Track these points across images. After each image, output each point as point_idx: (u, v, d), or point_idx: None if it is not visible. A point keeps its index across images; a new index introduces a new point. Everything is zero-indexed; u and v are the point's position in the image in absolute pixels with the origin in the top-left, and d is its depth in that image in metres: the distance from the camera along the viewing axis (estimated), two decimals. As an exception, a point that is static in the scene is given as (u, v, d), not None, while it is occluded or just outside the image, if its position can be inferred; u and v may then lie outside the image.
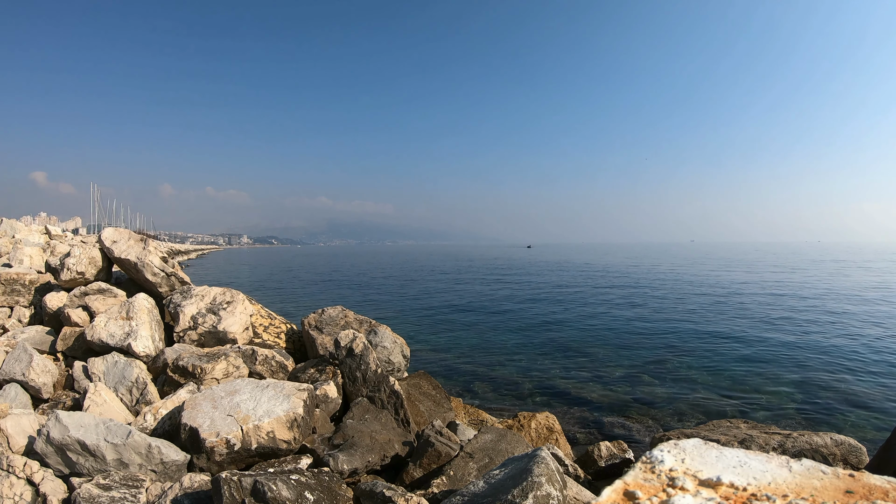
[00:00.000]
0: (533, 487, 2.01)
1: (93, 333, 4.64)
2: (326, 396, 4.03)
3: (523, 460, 2.26)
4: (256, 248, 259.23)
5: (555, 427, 5.50)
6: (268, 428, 3.06)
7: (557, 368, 9.86)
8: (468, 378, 9.25)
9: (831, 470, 1.25)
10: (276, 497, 2.33)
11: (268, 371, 4.59)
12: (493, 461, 3.15)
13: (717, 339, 12.50)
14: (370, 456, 3.23)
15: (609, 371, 9.65)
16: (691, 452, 1.34)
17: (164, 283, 5.53)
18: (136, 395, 4.23)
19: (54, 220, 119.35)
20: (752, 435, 4.22)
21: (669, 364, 10.11)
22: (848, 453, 3.94)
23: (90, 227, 79.59)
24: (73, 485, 2.78)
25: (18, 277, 5.88)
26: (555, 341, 12.51)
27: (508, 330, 14.22)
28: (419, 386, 5.08)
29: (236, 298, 5.44)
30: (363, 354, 4.34)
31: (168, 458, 2.95)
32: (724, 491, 1.17)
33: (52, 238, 17.12)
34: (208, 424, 3.04)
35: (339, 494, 2.67)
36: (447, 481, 2.93)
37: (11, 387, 4.16)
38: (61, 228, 37.67)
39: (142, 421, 3.56)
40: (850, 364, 10.06)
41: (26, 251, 7.30)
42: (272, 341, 5.49)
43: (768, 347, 11.57)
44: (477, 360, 10.64)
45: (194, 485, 2.69)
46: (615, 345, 12.01)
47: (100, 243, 5.72)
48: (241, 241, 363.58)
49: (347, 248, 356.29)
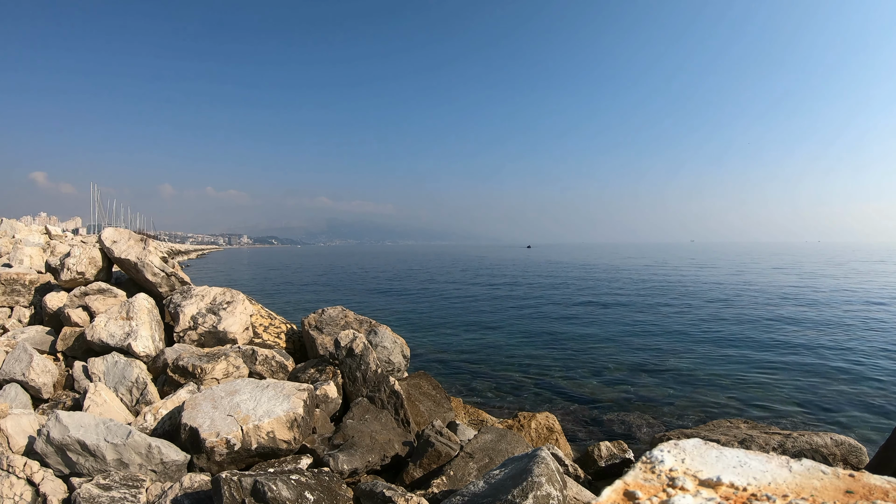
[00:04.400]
0: (533, 487, 2.01)
1: (93, 333, 4.64)
2: (326, 396, 4.03)
3: (523, 460, 2.26)
4: (256, 249, 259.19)
5: (555, 427, 5.50)
6: (268, 428, 3.06)
7: (557, 368, 9.85)
8: (468, 378, 9.25)
9: (831, 470, 1.25)
10: (276, 497, 2.33)
11: (268, 371, 4.59)
12: (493, 461, 3.15)
13: (717, 339, 12.50)
14: (370, 456, 3.23)
15: (609, 371, 9.65)
16: (691, 452, 1.35)
17: (164, 283, 5.53)
18: (136, 395, 4.23)
19: (54, 220, 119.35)
20: (752, 435, 4.22)
21: (669, 364, 10.11)
22: (848, 453, 3.94)
23: (90, 228, 79.57)
24: (73, 485, 2.79)
25: (18, 277, 5.89)
26: (555, 341, 12.51)
27: (508, 330, 14.22)
28: (419, 386, 5.08)
29: (236, 298, 5.44)
30: (363, 354, 4.34)
31: (168, 458, 2.95)
32: (724, 491, 1.17)
33: (52, 238, 17.11)
34: (208, 424, 3.04)
35: (340, 494, 2.67)
36: (447, 481, 2.93)
37: (11, 387, 4.16)
38: (61, 228, 37.67)
39: (142, 421, 3.57)
40: (850, 364, 10.06)
41: (26, 251, 7.30)
42: (272, 341, 5.49)
43: (768, 347, 11.57)
44: (477, 360, 10.64)
45: (194, 485, 2.69)
46: (615, 344, 12.01)
47: (100, 243, 5.72)
48: (241, 241, 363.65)
49: (347, 248, 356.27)
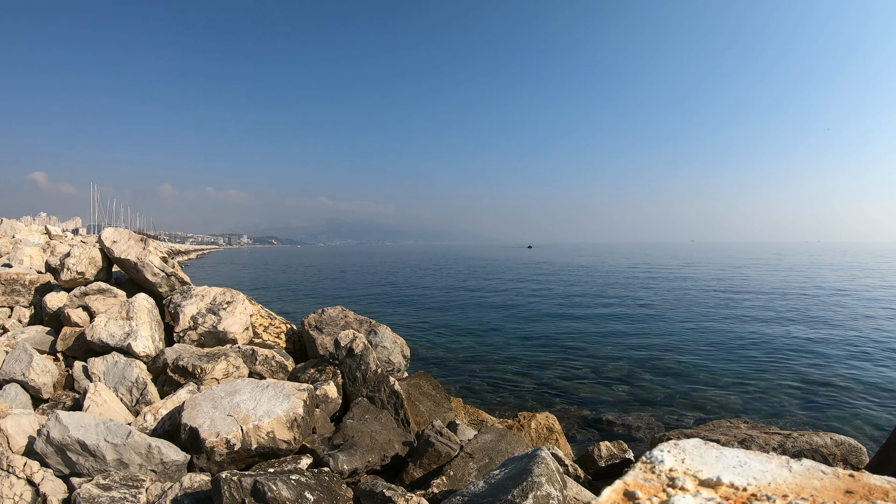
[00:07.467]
0: (533, 487, 2.01)
1: (93, 333, 4.64)
2: (326, 396, 4.03)
3: (523, 460, 2.26)
4: (256, 249, 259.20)
5: (555, 427, 5.50)
6: (268, 428, 3.06)
7: (557, 368, 9.85)
8: (468, 378, 9.24)
9: (831, 470, 1.25)
10: (276, 497, 2.33)
11: (268, 371, 4.59)
12: (493, 461, 3.15)
13: (717, 339, 12.50)
14: (370, 456, 3.23)
15: (609, 371, 9.65)
16: (691, 452, 1.34)
17: (164, 283, 5.53)
18: (136, 395, 4.23)
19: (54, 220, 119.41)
20: (752, 435, 4.22)
21: (669, 363, 10.11)
22: (848, 453, 3.94)
23: (90, 228, 79.60)
24: (73, 485, 2.78)
25: (18, 277, 5.88)
26: (555, 341, 12.51)
27: (509, 330, 14.22)
28: (419, 386, 5.08)
29: (236, 298, 5.44)
30: (363, 354, 4.34)
31: (168, 458, 2.95)
32: (724, 491, 1.17)
33: (52, 238, 17.11)
34: (208, 424, 3.04)
35: (339, 494, 2.67)
36: (447, 481, 2.93)
37: (11, 387, 4.16)
38: (61, 228, 37.67)
39: (142, 421, 3.56)
40: (850, 364, 10.05)
41: (26, 251, 7.30)
42: (272, 341, 5.49)
43: (768, 347, 11.57)
44: (477, 360, 10.64)
45: (194, 485, 2.69)
46: (615, 344, 12.01)
47: (100, 243, 5.72)
48: (241, 241, 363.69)
49: (347, 248, 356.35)
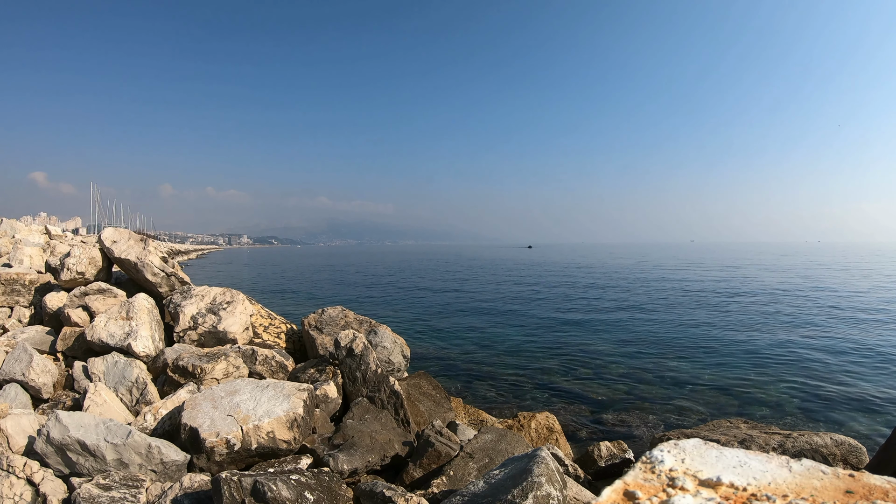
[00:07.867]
0: (533, 487, 2.01)
1: (93, 333, 4.64)
2: (326, 396, 4.03)
3: (523, 460, 2.26)
4: (256, 249, 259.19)
5: (555, 427, 5.50)
6: (268, 428, 3.06)
7: (557, 368, 9.85)
8: (468, 378, 9.24)
9: (831, 470, 1.25)
10: (276, 497, 2.33)
11: (268, 371, 4.59)
12: (493, 461, 3.15)
13: (716, 339, 12.50)
14: (370, 456, 3.23)
15: (609, 371, 9.65)
16: (691, 452, 1.34)
17: (164, 283, 5.53)
18: (136, 395, 4.23)
19: (54, 220, 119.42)
20: (752, 435, 4.22)
21: (669, 364, 10.11)
22: (848, 453, 3.94)
23: (90, 228, 79.60)
24: (73, 485, 2.79)
25: (18, 277, 5.88)
26: (555, 341, 12.50)
27: (509, 330, 14.21)
28: (419, 386, 5.08)
29: (236, 298, 5.44)
30: (363, 354, 4.34)
31: (168, 458, 2.95)
32: (724, 491, 1.17)
33: (52, 238, 17.11)
34: (208, 424, 3.04)
35: (339, 494, 2.67)
36: (447, 481, 2.93)
37: (11, 387, 4.16)
38: (61, 228, 37.67)
39: (142, 421, 3.57)
40: (850, 364, 10.05)
41: (26, 251, 7.30)
42: (272, 341, 5.49)
43: (768, 347, 11.56)
44: (477, 360, 10.63)
45: (194, 485, 2.69)
46: (615, 344, 12.01)
47: (100, 243, 5.72)
48: (241, 241, 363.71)
49: (348, 248, 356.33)
